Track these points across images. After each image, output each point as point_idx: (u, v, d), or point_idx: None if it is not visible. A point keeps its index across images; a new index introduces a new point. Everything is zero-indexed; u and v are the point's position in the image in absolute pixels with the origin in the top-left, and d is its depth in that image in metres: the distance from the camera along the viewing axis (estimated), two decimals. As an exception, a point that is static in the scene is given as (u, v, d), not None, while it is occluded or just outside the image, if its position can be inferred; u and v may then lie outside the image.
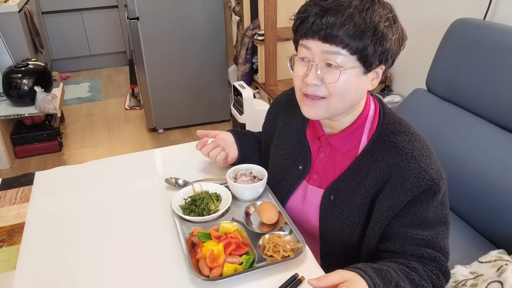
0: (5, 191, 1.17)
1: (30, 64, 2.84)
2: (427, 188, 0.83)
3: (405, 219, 0.86)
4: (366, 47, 0.80)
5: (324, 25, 0.79)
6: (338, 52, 0.80)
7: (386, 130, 0.90)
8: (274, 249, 0.88)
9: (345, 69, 0.81)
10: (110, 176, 1.22)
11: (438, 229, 0.87)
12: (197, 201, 1.03)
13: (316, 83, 0.83)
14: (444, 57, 1.48)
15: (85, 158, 2.93)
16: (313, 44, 0.82)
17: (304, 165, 1.01)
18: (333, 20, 0.78)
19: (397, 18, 0.85)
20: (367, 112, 0.92)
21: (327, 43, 0.80)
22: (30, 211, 1.08)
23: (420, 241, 0.86)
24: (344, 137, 0.93)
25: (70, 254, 0.93)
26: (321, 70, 0.83)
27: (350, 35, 0.78)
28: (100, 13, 4.35)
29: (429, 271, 0.86)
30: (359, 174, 0.91)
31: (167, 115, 3.21)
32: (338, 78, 0.81)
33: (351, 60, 0.81)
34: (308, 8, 0.82)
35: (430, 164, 0.84)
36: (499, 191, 1.20)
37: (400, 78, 2.31)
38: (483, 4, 1.65)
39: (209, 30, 3.04)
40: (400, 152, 0.86)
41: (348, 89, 0.84)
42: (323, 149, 0.98)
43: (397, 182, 0.85)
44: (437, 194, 0.85)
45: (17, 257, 0.93)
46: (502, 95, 1.26)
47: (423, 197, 0.84)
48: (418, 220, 0.86)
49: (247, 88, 2.50)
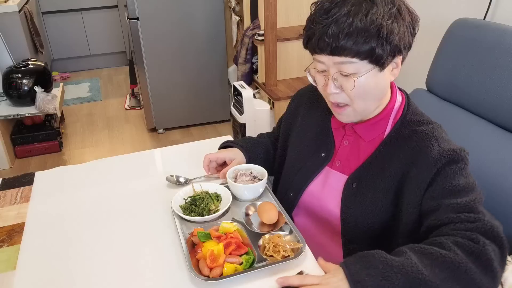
0: (5, 191, 1.18)
1: (30, 64, 2.84)
2: (450, 159, 0.84)
3: (435, 191, 0.84)
4: (374, 49, 0.81)
5: (329, 40, 0.82)
6: (349, 61, 0.83)
7: (409, 119, 0.93)
8: (274, 249, 0.88)
9: (360, 75, 0.84)
10: (110, 176, 1.22)
11: (472, 195, 0.81)
12: (197, 201, 1.03)
13: (336, 91, 0.88)
14: (444, 57, 1.48)
15: (85, 158, 2.93)
16: (325, 58, 0.86)
17: (327, 153, 1.02)
18: (336, 32, 0.81)
19: (402, 9, 0.85)
20: (393, 103, 0.95)
21: (336, 56, 0.83)
22: (30, 211, 1.08)
23: (454, 206, 0.80)
24: (370, 126, 0.95)
25: (70, 254, 0.93)
26: (337, 80, 0.87)
27: (356, 43, 0.80)
28: (100, 13, 4.35)
29: (460, 237, 0.76)
30: (382, 161, 0.93)
31: (167, 115, 3.21)
32: (354, 85, 0.85)
33: (363, 64, 0.83)
34: (312, 26, 0.86)
35: (450, 142, 0.87)
36: (499, 191, 1.20)
37: (400, 78, 2.31)
38: (483, 4, 1.65)
39: (209, 30, 3.04)
40: (421, 136, 0.89)
41: (368, 91, 0.87)
42: (347, 137, 1.00)
43: (421, 161, 0.86)
44: (461, 162, 0.84)
45: (17, 257, 0.93)
46: (502, 95, 1.27)
47: (448, 167, 0.84)
48: (448, 189, 0.83)
49: (247, 88, 2.50)
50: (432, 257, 0.73)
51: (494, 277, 0.72)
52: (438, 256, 0.73)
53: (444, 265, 0.72)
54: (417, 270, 0.71)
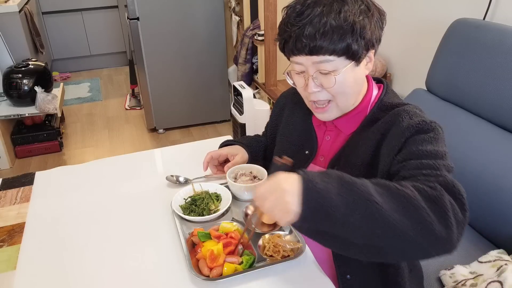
0: (5, 191, 1.18)
1: (31, 64, 2.85)
2: (420, 128, 0.84)
3: (402, 155, 0.82)
4: (350, 45, 0.84)
5: (306, 41, 0.84)
6: (327, 60, 0.86)
7: (385, 103, 0.96)
8: (274, 249, 0.88)
9: (339, 71, 0.87)
10: (110, 176, 1.22)
11: (439, 160, 0.78)
12: (197, 201, 1.03)
13: (317, 90, 0.90)
14: (444, 57, 1.48)
15: (85, 158, 2.93)
16: (303, 59, 0.88)
17: (310, 150, 1.04)
18: (313, 33, 0.83)
19: (370, 5, 0.88)
20: (370, 95, 0.97)
21: (315, 55, 0.86)
22: (30, 211, 1.08)
23: (418, 165, 0.78)
24: (350, 119, 0.97)
25: (70, 254, 0.94)
26: (317, 78, 0.89)
27: (332, 42, 0.83)
28: (100, 13, 4.36)
29: (419, 183, 0.72)
30: (358, 140, 0.95)
31: (167, 115, 3.21)
32: (335, 82, 0.88)
33: (341, 61, 0.86)
34: (287, 29, 0.88)
35: (424, 117, 0.87)
36: (499, 191, 1.20)
37: (400, 78, 2.31)
38: (483, 4, 1.65)
39: (209, 30, 3.04)
40: (394, 112, 0.91)
41: (348, 85, 0.90)
42: (329, 133, 1.02)
43: (392, 132, 0.88)
44: (431, 132, 0.84)
45: (17, 257, 0.93)
46: (502, 95, 1.27)
47: (417, 135, 0.84)
48: (415, 153, 0.80)
49: (247, 88, 2.51)
50: (385, 187, 0.70)
51: (448, 228, 0.66)
52: (393, 188, 0.69)
53: (396, 196, 0.68)
54: (367, 191, 0.67)
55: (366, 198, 0.67)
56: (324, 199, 0.66)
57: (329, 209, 0.66)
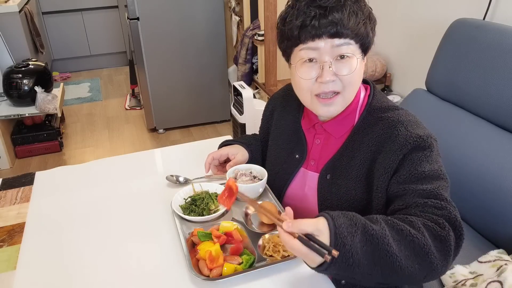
0: (6, 191, 1.18)
1: (31, 64, 2.85)
2: (416, 145, 0.84)
3: (402, 176, 0.84)
4: (368, 32, 0.87)
5: (332, 23, 0.83)
6: (348, 43, 0.85)
7: (374, 107, 0.95)
8: (274, 249, 0.88)
9: (357, 57, 0.87)
10: (110, 176, 1.22)
11: (438, 183, 0.83)
12: (197, 201, 1.03)
13: (334, 79, 0.87)
14: (444, 57, 1.48)
15: (85, 158, 2.93)
16: (321, 43, 0.85)
17: (301, 154, 1.03)
18: (339, 16, 0.83)
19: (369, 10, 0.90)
20: (358, 97, 0.96)
21: (337, 38, 0.84)
22: (30, 211, 1.08)
23: (421, 192, 0.82)
24: (339, 122, 0.96)
25: (70, 254, 0.94)
26: (334, 65, 0.86)
27: (357, 24, 0.84)
28: (100, 13, 4.36)
29: (429, 220, 0.78)
30: (352, 150, 0.94)
31: (167, 115, 3.21)
32: (356, 66, 0.87)
33: (356, 48, 0.87)
34: (306, 10, 0.85)
35: (417, 128, 0.87)
36: (499, 191, 1.20)
37: (400, 78, 2.31)
38: (483, 4, 1.65)
39: (209, 30, 3.04)
40: (387, 122, 0.90)
41: (358, 77, 0.90)
42: (318, 136, 1.01)
43: (388, 147, 0.87)
44: (427, 149, 0.85)
45: (17, 257, 0.93)
46: (502, 95, 1.27)
47: (414, 153, 0.84)
48: (415, 175, 0.83)
49: (247, 88, 2.51)
50: (402, 234, 0.74)
51: (445, 264, 0.75)
52: (407, 234, 0.74)
53: (411, 245, 0.73)
54: (388, 242, 0.72)
55: (387, 250, 0.71)
56: (351, 258, 0.70)
57: (353, 265, 0.70)
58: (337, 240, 0.70)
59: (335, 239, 0.70)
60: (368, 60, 2.33)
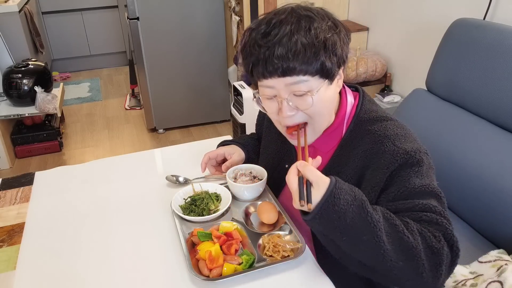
0: (5, 191, 1.18)
1: (30, 64, 2.85)
2: (403, 162, 0.81)
3: (391, 194, 0.82)
4: (324, 63, 0.80)
5: (278, 62, 0.79)
6: (301, 80, 0.81)
7: (362, 119, 0.92)
8: (274, 249, 0.88)
9: (314, 91, 0.82)
10: (110, 176, 1.22)
11: (430, 199, 0.80)
12: (197, 201, 1.03)
13: (292, 113, 0.85)
14: (444, 57, 1.48)
15: (85, 158, 2.93)
16: (274, 82, 0.82)
17: (290, 164, 1.01)
18: (284, 53, 0.78)
19: (336, 21, 0.85)
20: (344, 108, 0.93)
21: (288, 76, 0.81)
22: (30, 211, 1.08)
23: (414, 206, 0.78)
24: (326, 137, 0.94)
25: (70, 254, 0.94)
26: (292, 101, 0.84)
27: (306, 61, 0.79)
28: (100, 13, 4.35)
29: (427, 230, 0.75)
30: (339, 164, 0.92)
31: (167, 115, 3.21)
32: (312, 102, 0.83)
33: (315, 80, 0.82)
34: (253, 51, 0.82)
35: (405, 142, 0.84)
36: (499, 191, 1.20)
37: (400, 78, 2.31)
38: (483, 4, 1.65)
39: (209, 30, 3.04)
40: (374, 137, 0.87)
41: (324, 105, 0.86)
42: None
43: (375, 163, 0.85)
44: (415, 165, 0.81)
45: (17, 257, 0.93)
46: (502, 95, 1.27)
47: (402, 170, 0.82)
48: (405, 193, 0.80)
49: (247, 88, 2.51)
50: (396, 230, 0.73)
51: (436, 278, 0.73)
52: (402, 235, 0.73)
53: (400, 241, 0.72)
54: (379, 228, 0.71)
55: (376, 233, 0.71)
56: (337, 220, 0.71)
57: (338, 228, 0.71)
58: (329, 198, 0.70)
59: (327, 197, 0.70)
60: (368, 60, 2.33)
